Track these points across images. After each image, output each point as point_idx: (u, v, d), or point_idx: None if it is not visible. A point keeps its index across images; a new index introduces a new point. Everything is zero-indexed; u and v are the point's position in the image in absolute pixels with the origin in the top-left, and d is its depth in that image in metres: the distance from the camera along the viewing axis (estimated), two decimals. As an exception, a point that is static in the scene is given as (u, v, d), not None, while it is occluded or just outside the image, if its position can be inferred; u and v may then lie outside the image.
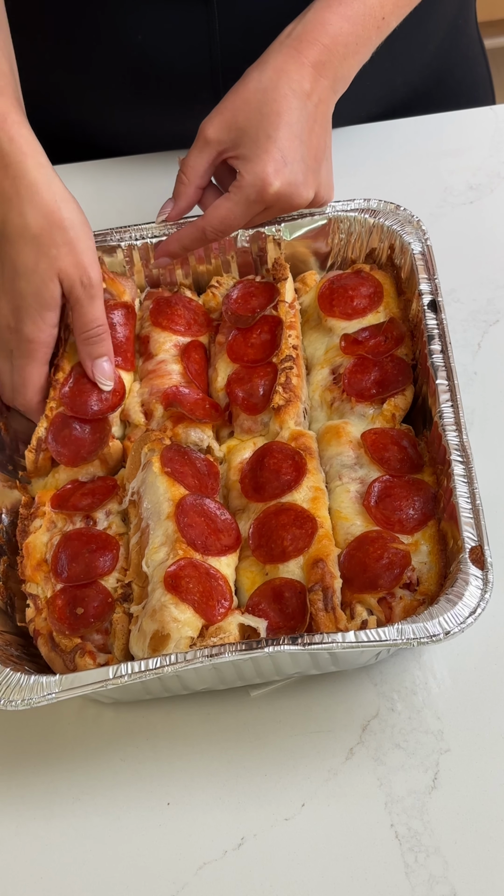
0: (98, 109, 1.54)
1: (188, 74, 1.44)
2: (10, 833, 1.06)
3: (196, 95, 1.46)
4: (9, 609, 1.15)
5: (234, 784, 1.07)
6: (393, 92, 1.58)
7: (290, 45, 1.19)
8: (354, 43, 1.21)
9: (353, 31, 1.20)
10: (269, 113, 1.17)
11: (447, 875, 1.00)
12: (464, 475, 1.07)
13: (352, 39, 1.21)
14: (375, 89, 1.54)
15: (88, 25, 1.44)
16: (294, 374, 1.23)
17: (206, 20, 1.39)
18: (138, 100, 1.51)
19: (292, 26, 1.21)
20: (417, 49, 1.53)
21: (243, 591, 1.10)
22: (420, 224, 1.30)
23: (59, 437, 1.22)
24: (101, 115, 1.55)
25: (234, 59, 1.29)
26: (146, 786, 1.07)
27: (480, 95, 1.69)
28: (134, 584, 1.10)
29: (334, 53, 1.20)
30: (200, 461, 1.18)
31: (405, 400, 1.22)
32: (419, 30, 1.32)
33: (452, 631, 0.96)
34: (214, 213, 1.22)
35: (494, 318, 1.37)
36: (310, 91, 1.19)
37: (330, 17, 1.20)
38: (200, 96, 1.44)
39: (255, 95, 1.18)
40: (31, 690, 0.99)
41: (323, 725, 1.09)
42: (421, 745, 1.07)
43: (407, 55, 1.52)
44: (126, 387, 1.27)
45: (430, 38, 1.53)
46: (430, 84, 1.60)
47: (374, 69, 1.30)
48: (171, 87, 1.47)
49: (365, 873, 1.01)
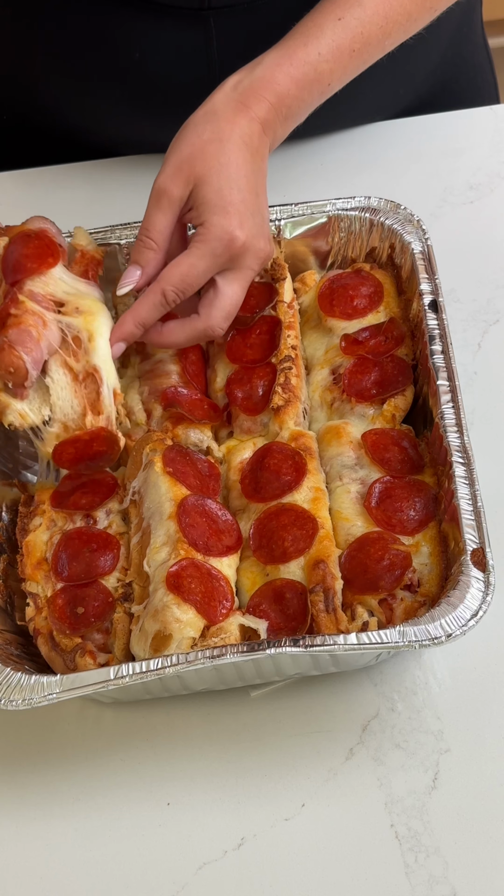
0: (97, 118, 1.53)
1: (187, 90, 1.44)
2: (11, 833, 1.06)
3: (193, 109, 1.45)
4: (8, 608, 1.15)
5: (234, 784, 1.07)
6: (397, 100, 1.57)
7: (239, 100, 1.16)
8: (297, 107, 1.19)
9: (299, 95, 1.18)
10: (227, 164, 1.13)
11: (447, 875, 1.00)
12: (465, 477, 1.07)
13: (295, 103, 1.18)
14: (379, 98, 1.53)
15: (85, 40, 1.43)
16: (293, 374, 1.23)
17: (205, 38, 1.38)
18: (136, 113, 1.50)
19: (239, 77, 1.18)
20: (422, 59, 1.53)
21: (244, 592, 1.10)
22: (420, 224, 1.30)
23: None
24: (100, 124, 1.54)
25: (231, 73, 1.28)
26: (146, 786, 1.08)
27: (485, 100, 1.68)
28: (135, 584, 1.10)
29: (279, 114, 1.18)
30: (202, 462, 1.18)
31: (405, 400, 1.22)
32: (423, 41, 1.32)
33: (454, 633, 0.96)
34: (174, 270, 1.13)
35: (494, 318, 1.37)
36: (258, 146, 1.17)
37: (280, 76, 1.16)
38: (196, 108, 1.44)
39: (210, 146, 1.14)
40: (32, 690, 0.99)
41: (323, 726, 1.09)
42: (421, 745, 1.07)
43: (412, 65, 1.51)
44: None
45: (434, 49, 1.52)
46: (435, 91, 1.59)
47: (377, 79, 1.30)
48: (169, 102, 1.46)
49: (365, 873, 1.01)
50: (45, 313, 1.13)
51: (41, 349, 1.12)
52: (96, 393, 1.14)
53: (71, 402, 1.15)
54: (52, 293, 1.16)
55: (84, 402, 1.15)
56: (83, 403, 1.15)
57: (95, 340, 1.14)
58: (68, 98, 1.52)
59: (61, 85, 1.50)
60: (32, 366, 1.11)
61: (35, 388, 1.14)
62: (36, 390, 1.15)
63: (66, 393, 1.15)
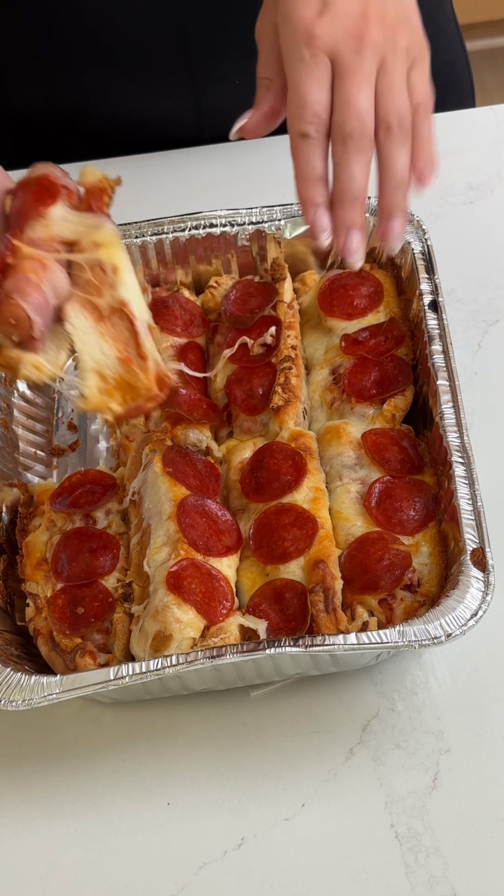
0: (83, 95, 1.52)
1: (161, 47, 1.41)
2: (11, 833, 1.06)
3: (171, 71, 1.43)
4: (8, 608, 1.15)
5: (234, 784, 1.07)
6: None
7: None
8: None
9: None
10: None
11: (447, 875, 1.00)
12: (465, 477, 1.07)
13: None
14: None
15: (55, 10, 1.41)
16: (293, 374, 1.23)
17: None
18: (117, 79, 1.48)
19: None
20: None
21: (244, 592, 1.10)
22: (420, 223, 1.30)
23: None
24: (87, 99, 1.53)
25: (205, 32, 1.23)
26: (146, 786, 1.08)
27: (464, 97, 1.67)
28: (134, 584, 1.10)
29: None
30: (201, 462, 1.18)
31: (405, 400, 1.22)
32: None
33: (454, 633, 0.96)
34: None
35: (494, 317, 1.37)
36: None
37: None
38: (176, 72, 1.41)
39: None
40: (32, 690, 0.99)
41: (323, 726, 1.09)
42: (421, 745, 1.07)
43: None
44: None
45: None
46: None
47: None
48: (146, 62, 1.43)
49: (365, 873, 1.01)
50: (45, 256, 1.01)
51: (43, 293, 1.00)
52: (129, 332, 1.01)
53: (100, 347, 1.01)
54: (59, 234, 1.04)
55: (115, 344, 1.02)
56: (115, 346, 1.02)
57: (120, 273, 1.01)
58: (51, 79, 1.51)
59: (40, 69, 1.50)
60: (36, 312, 0.98)
61: (51, 339, 1.01)
62: (52, 340, 1.02)
63: (92, 337, 1.02)
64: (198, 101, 1.52)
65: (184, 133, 1.56)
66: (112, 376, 1.01)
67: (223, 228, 1.33)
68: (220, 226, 1.33)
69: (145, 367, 1.00)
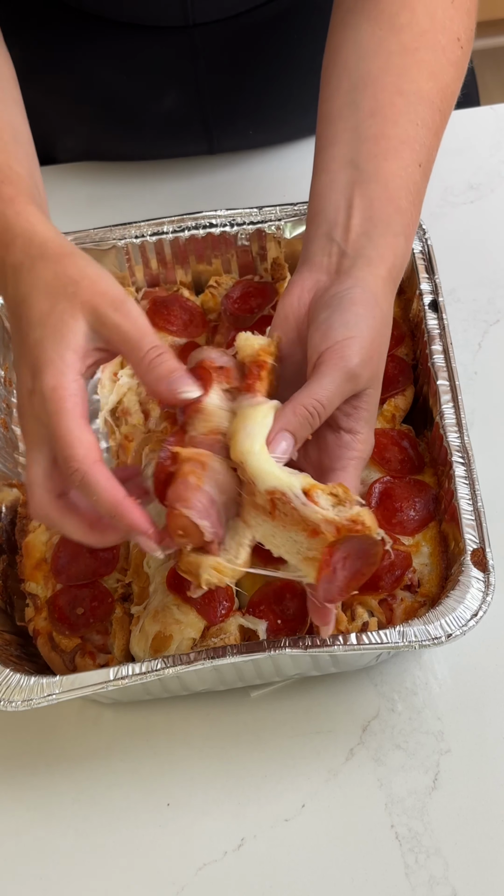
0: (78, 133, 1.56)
1: (177, 109, 1.43)
2: (11, 833, 1.06)
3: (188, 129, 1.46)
4: (8, 609, 1.15)
5: (234, 785, 1.07)
6: None
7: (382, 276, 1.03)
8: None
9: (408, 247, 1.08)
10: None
11: (447, 876, 1.00)
12: (465, 477, 1.07)
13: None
14: None
15: (68, 68, 1.44)
16: (294, 373, 1.23)
17: (191, 54, 1.38)
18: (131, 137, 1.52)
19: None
20: None
21: (244, 593, 1.10)
22: (420, 223, 1.30)
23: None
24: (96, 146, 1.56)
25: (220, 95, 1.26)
26: (146, 786, 1.07)
27: (466, 97, 1.67)
28: (134, 585, 1.10)
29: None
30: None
31: (405, 400, 1.22)
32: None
33: (454, 634, 0.96)
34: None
35: (495, 317, 1.37)
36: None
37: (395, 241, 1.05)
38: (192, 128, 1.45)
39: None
40: (32, 691, 0.99)
41: (323, 726, 1.09)
42: (421, 745, 1.07)
43: None
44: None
45: None
46: None
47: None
48: (157, 122, 1.47)
49: (365, 874, 1.01)
50: (202, 453, 0.94)
51: (206, 494, 0.92)
52: (294, 508, 0.92)
53: (290, 537, 0.94)
54: (217, 426, 0.97)
55: (298, 526, 0.93)
56: (299, 528, 0.93)
57: (247, 461, 0.93)
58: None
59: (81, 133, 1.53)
60: (201, 517, 0.91)
61: (230, 535, 0.95)
62: (231, 536, 0.95)
63: (279, 532, 0.94)
64: (210, 146, 1.54)
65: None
66: (317, 551, 0.93)
67: (223, 228, 1.33)
68: (220, 226, 1.33)
69: (330, 526, 0.91)
